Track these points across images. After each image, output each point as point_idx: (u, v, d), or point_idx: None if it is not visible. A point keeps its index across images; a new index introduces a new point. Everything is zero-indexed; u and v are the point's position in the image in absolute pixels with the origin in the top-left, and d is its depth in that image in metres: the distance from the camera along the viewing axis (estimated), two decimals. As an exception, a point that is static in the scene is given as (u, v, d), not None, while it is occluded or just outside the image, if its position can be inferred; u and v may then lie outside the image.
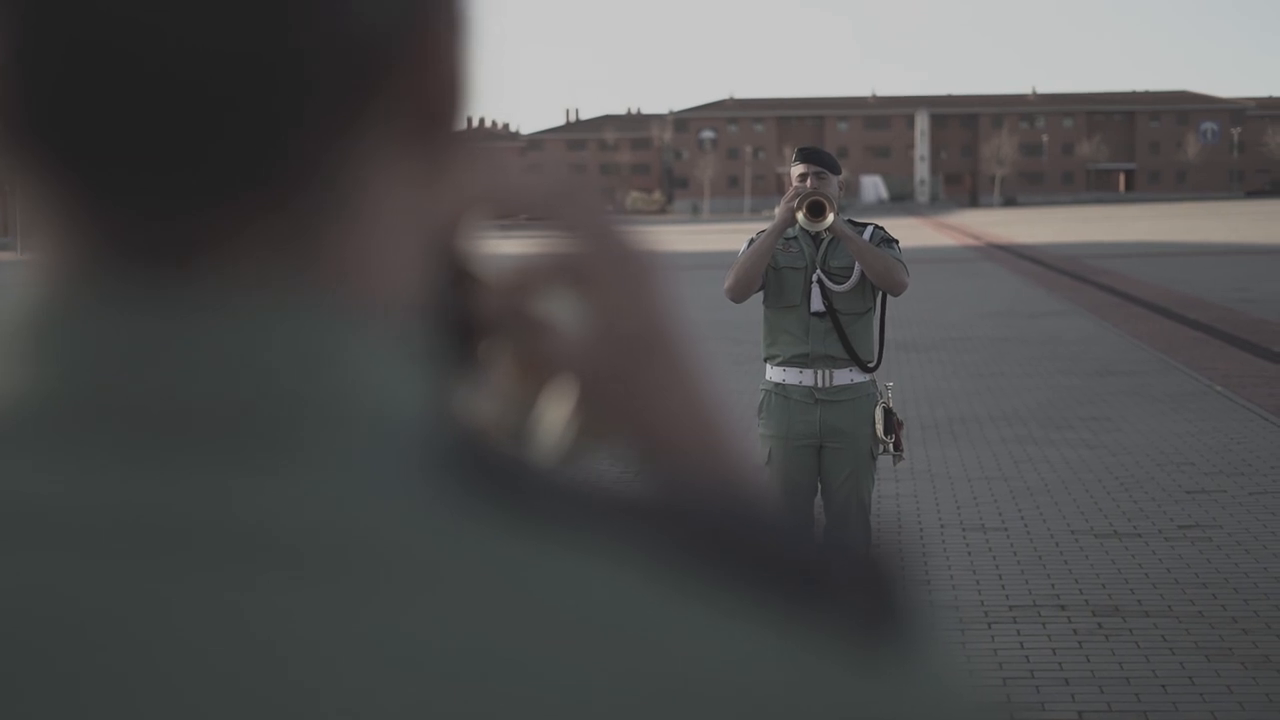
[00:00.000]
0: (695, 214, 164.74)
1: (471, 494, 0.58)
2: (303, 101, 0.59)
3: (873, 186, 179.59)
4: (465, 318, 0.76)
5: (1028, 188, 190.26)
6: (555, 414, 0.78)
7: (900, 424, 6.57)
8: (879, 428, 6.49)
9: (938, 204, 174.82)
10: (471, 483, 0.58)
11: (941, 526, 9.45)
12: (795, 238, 6.54)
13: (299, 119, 0.59)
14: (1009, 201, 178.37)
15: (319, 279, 0.61)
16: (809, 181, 6.48)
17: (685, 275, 38.55)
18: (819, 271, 6.49)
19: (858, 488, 6.49)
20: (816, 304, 6.48)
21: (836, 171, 6.60)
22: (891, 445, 6.52)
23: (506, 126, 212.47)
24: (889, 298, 6.68)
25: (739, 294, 6.49)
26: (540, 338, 0.74)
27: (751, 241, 6.50)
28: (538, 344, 0.74)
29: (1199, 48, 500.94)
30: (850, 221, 6.59)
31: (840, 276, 6.48)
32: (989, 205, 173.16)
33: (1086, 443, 12.34)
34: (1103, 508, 9.86)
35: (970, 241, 62.77)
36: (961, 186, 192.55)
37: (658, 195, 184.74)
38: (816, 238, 6.53)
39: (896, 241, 6.60)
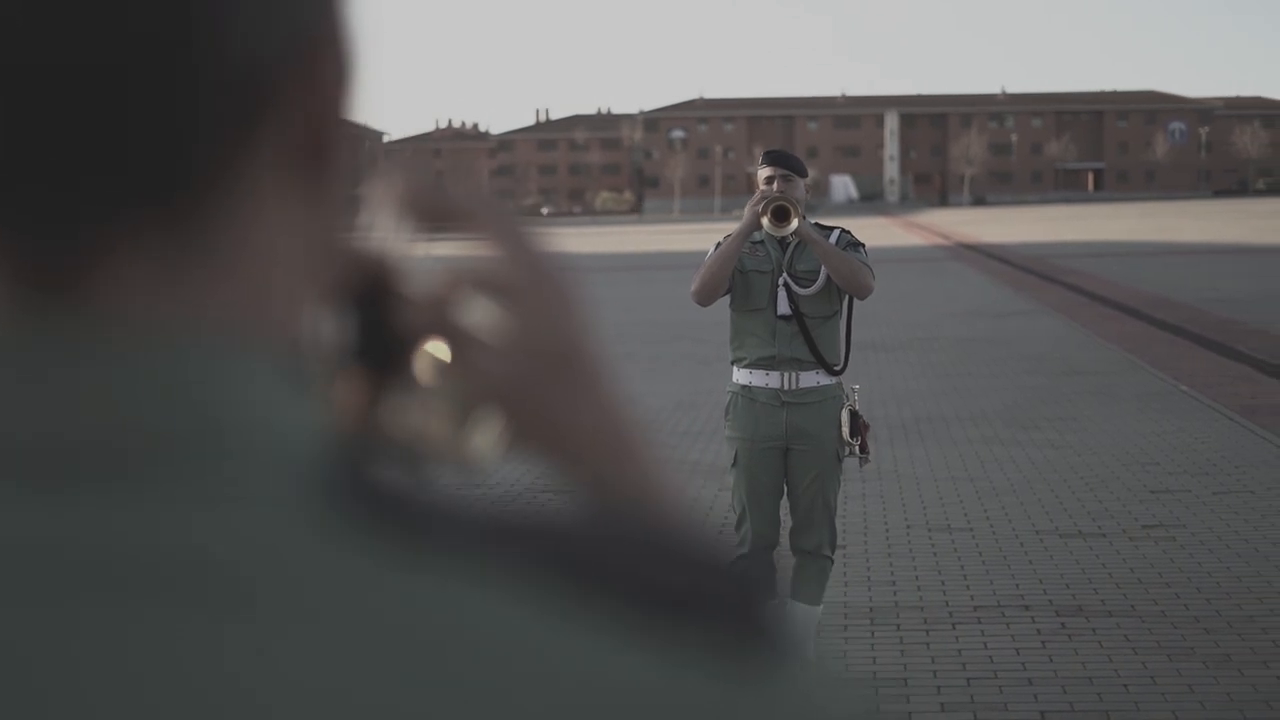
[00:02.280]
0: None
1: (354, 523, 0.58)
2: (191, 125, 0.59)
3: (842, 186, 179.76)
4: (385, 332, 0.77)
5: (997, 187, 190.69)
6: (472, 426, 0.79)
7: (866, 426, 6.61)
8: (845, 430, 6.52)
9: (907, 203, 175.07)
10: (356, 512, 0.59)
11: (907, 527, 9.50)
12: (762, 241, 6.57)
13: (187, 142, 0.60)
14: (978, 201, 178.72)
15: (206, 305, 0.61)
16: (775, 185, 6.51)
17: (654, 276, 38.55)
18: (785, 275, 6.52)
19: (823, 490, 6.52)
20: (783, 307, 6.51)
21: (803, 174, 6.63)
22: (857, 448, 6.55)
23: (476, 126, 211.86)
24: (856, 301, 6.71)
25: (705, 298, 6.52)
26: (460, 351, 0.75)
27: (718, 245, 6.52)
28: (458, 357, 0.75)
29: (1167, 48, 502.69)
30: (817, 225, 6.62)
31: (806, 280, 6.52)
32: (958, 205, 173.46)
33: (1052, 443, 12.41)
34: (1067, 507, 9.92)
35: (939, 241, 62.91)
36: (931, 186, 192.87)
37: (628, 195, 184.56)
38: (783, 241, 6.56)
39: (863, 245, 6.63)
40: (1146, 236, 59.39)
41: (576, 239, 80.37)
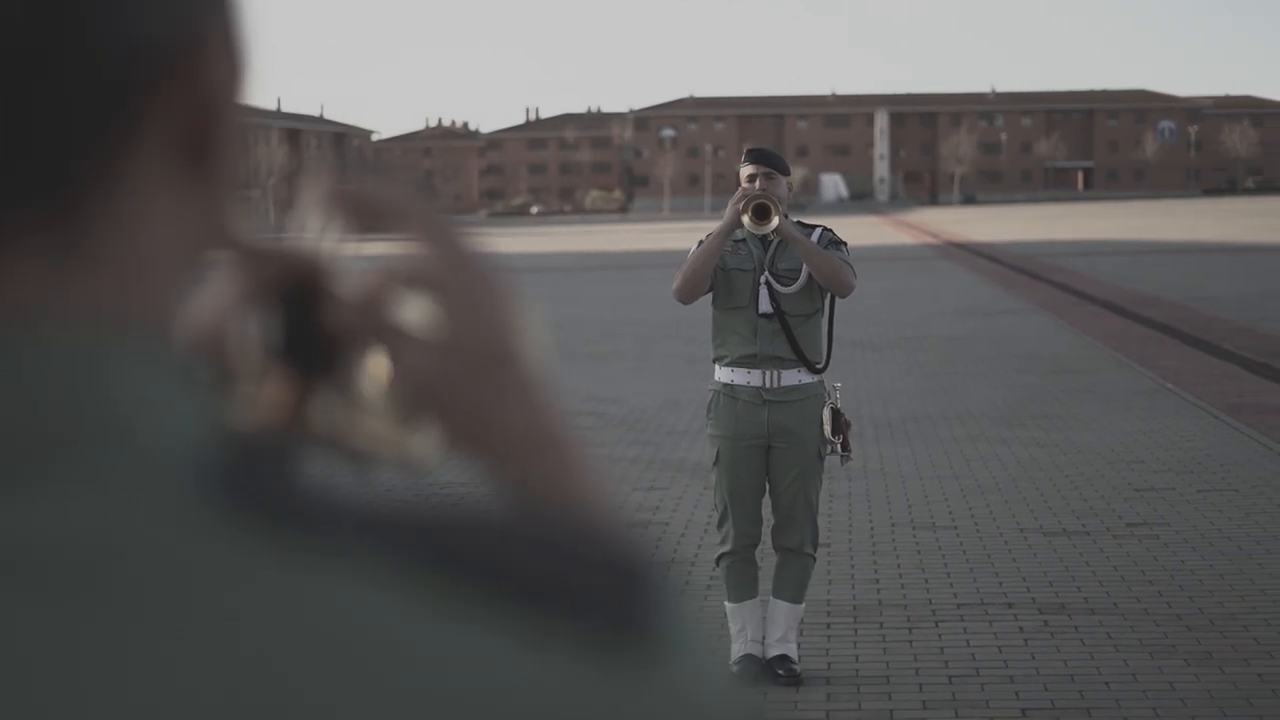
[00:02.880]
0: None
1: (228, 516, 0.59)
2: (72, 122, 0.59)
3: (832, 185, 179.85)
4: (315, 331, 0.77)
5: (987, 186, 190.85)
6: (405, 426, 0.79)
7: (848, 424, 6.62)
8: (827, 428, 6.53)
9: (897, 202, 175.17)
10: (233, 505, 0.59)
11: (892, 525, 9.50)
12: (744, 240, 6.58)
13: (69, 140, 0.59)
14: (968, 200, 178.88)
15: (91, 301, 0.61)
16: (758, 183, 6.51)
17: (643, 275, 38.57)
18: (767, 273, 6.53)
19: (805, 488, 6.53)
20: (764, 305, 6.51)
21: (786, 172, 6.64)
22: (839, 446, 6.56)
23: (465, 125, 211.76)
24: (837, 299, 6.72)
25: (687, 296, 6.52)
26: (390, 349, 0.75)
27: (701, 243, 6.53)
28: (389, 353, 0.75)
29: (1157, 47, 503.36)
30: (799, 223, 6.63)
31: (788, 278, 6.52)
32: (948, 203, 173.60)
33: (1038, 441, 12.43)
34: (1052, 506, 9.94)
35: (928, 240, 62.97)
36: (921, 185, 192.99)
37: (618, 194, 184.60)
38: (765, 239, 6.56)
39: (845, 244, 6.64)
40: (1135, 235, 59.49)
41: (566, 238, 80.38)
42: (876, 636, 7.20)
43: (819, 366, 6.60)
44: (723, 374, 6.58)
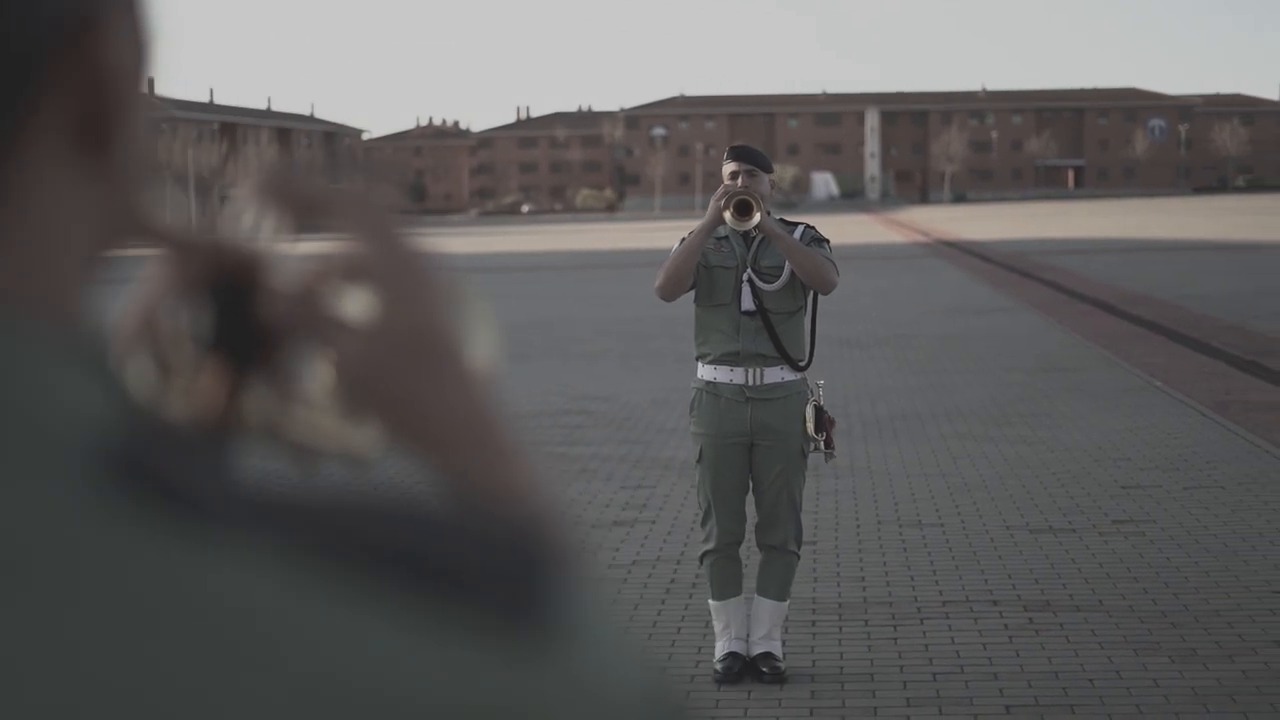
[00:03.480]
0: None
1: (121, 499, 0.59)
2: None
3: (824, 183, 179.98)
4: (250, 322, 0.77)
5: (977, 184, 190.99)
6: (341, 417, 0.79)
7: (831, 422, 6.61)
8: (810, 425, 6.52)
9: (888, 200, 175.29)
10: (126, 488, 0.59)
11: (879, 523, 9.50)
12: (726, 237, 6.57)
13: None
14: (959, 198, 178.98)
15: None
16: (740, 180, 6.50)
17: (634, 273, 38.54)
18: (749, 270, 6.52)
19: (788, 485, 6.52)
20: (747, 303, 6.50)
21: (768, 170, 6.63)
22: (823, 443, 6.55)
23: (456, 124, 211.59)
24: (820, 296, 6.71)
25: (669, 293, 6.51)
26: (326, 339, 0.75)
27: (683, 240, 6.52)
28: (325, 344, 0.75)
29: (1147, 45, 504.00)
30: (782, 220, 6.62)
31: (770, 275, 6.51)
32: (939, 202, 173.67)
33: (1026, 439, 12.43)
34: (1039, 503, 9.93)
35: (919, 238, 63.00)
36: (912, 183, 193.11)
37: (609, 192, 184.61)
38: (747, 237, 6.55)
39: (827, 241, 6.63)
40: (1125, 233, 59.55)
41: (557, 236, 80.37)
42: (861, 634, 7.19)
43: (802, 364, 6.60)
44: (705, 371, 6.57)
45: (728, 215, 6.36)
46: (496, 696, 0.58)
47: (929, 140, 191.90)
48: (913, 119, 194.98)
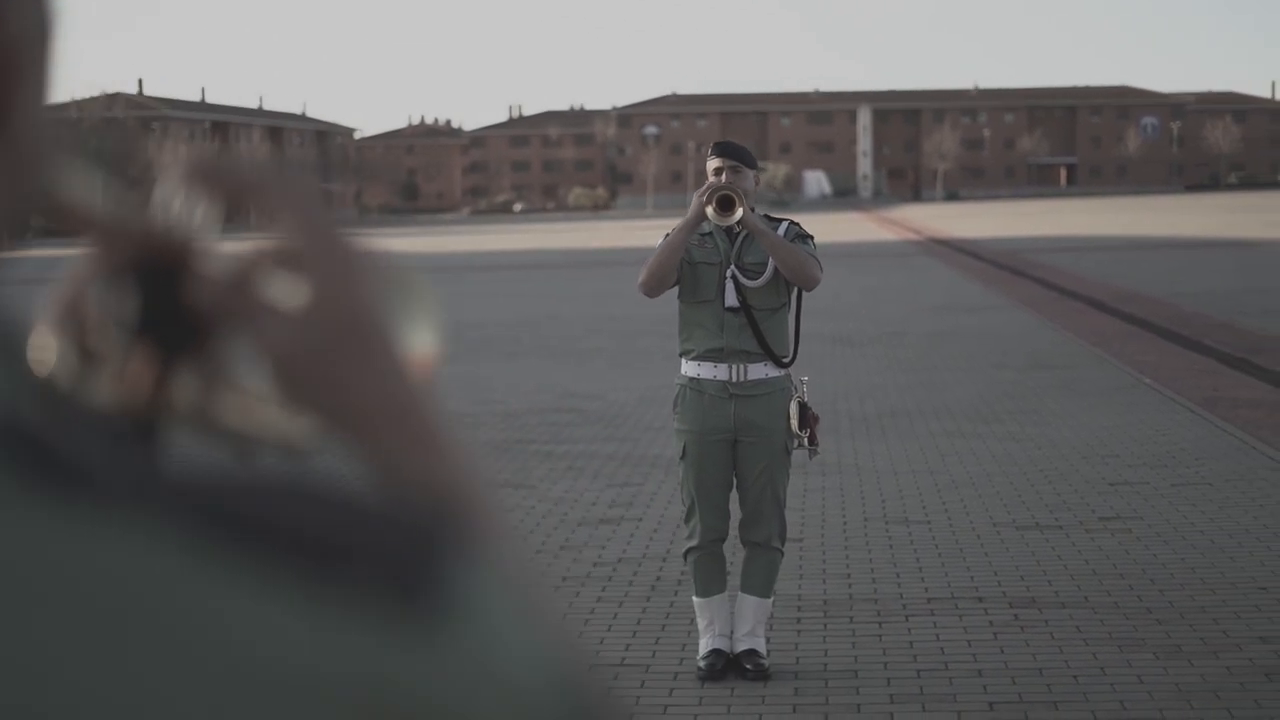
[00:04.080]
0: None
1: (19, 476, 0.59)
2: None
3: (816, 182, 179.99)
4: (178, 307, 0.76)
5: (970, 182, 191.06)
6: (272, 402, 0.78)
7: (816, 418, 6.60)
8: (794, 422, 6.50)
9: (881, 199, 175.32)
10: (24, 465, 0.59)
11: (865, 520, 9.48)
12: (710, 233, 6.55)
13: None
14: (951, 196, 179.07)
15: None
16: (724, 176, 6.49)
17: (625, 271, 38.53)
18: (733, 267, 6.50)
19: (772, 481, 6.50)
20: (731, 299, 6.48)
21: (753, 166, 6.61)
22: (806, 439, 6.54)
23: (448, 123, 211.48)
24: (805, 293, 6.69)
25: (652, 289, 6.49)
26: (254, 323, 0.75)
27: (667, 236, 6.50)
28: (253, 329, 0.75)
29: (1139, 42, 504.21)
30: (766, 217, 6.61)
31: (754, 272, 6.49)
32: (931, 200, 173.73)
33: (1014, 436, 12.42)
34: (1026, 500, 9.92)
35: (911, 236, 63.02)
36: (904, 181, 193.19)
37: (601, 191, 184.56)
38: (731, 233, 6.54)
39: (811, 237, 6.61)
40: (1117, 231, 59.58)
41: (549, 235, 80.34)
42: (846, 631, 7.18)
43: (786, 360, 6.58)
44: (689, 368, 6.55)
45: (710, 210, 6.34)
46: (380, 674, 0.58)
47: (921, 138, 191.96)
48: (905, 117, 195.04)
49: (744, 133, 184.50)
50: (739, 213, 6.31)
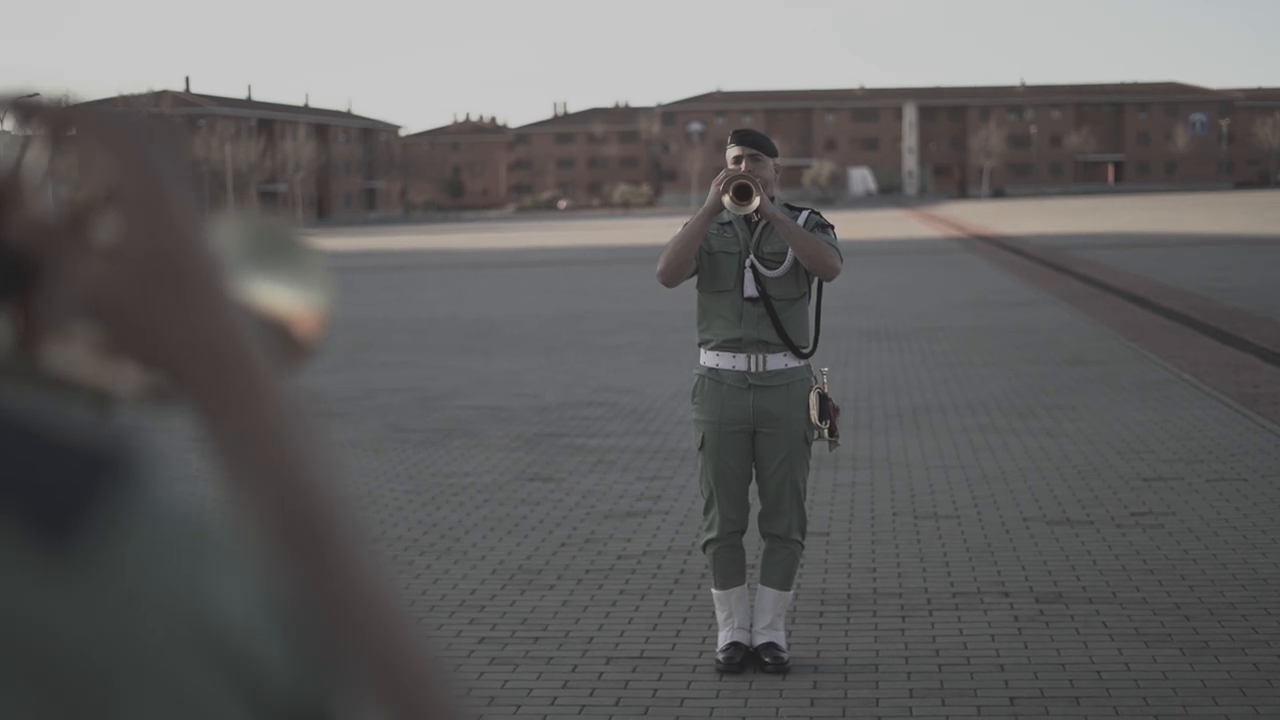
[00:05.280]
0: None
1: None
2: None
3: (861, 179, 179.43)
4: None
5: (1016, 179, 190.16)
6: (93, 349, 0.75)
7: (836, 410, 6.51)
8: (813, 413, 6.43)
9: (926, 196, 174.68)
10: None
11: (894, 514, 9.40)
12: (730, 222, 6.49)
13: None
14: (997, 193, 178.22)
15: None
16: (743, 164, 6.43)
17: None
18: (752, 256, 6.44)
19: (791, 473, 6.43)
20: (750, 289, 6.42)
21: (773, 154, 6.55)
22: (826, 431, 6.46)
23: (494, 120, 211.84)
24: (826, 284, 6.62)
25: (670, 278, 6.43)
26: (70, 262, 0.72)
27: (685, 226, 6.44)
28: (68, 269, 0.72)
29: (1188, 39, 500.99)
30: (787, 206, 6.54)
31: (773, 262, 6.43)
32: (977, 197, 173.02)
33: (1049, 431, 12.31)
34: (1057, 495, 9.82)
35: (954, 233, 62.72)
36: (950, 178, 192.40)
37: (645, 188, 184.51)
38: (750, 222, 6.47)
39: (831, 227, 6.54)
40: (1163, 228, 59.13)
41: (592, 231, 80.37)
42: (869, 625, 7.10)
43: (805, 351, 6.50)
44: (708, 358, 6.49)
45: (727, 199, 6.28)
46: (12, 609, 0.56)
47: (967, 135, 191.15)
48: (951, 114, 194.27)
49: (788, 129, 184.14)
50: (756, 201, 6.25)
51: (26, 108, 0.73)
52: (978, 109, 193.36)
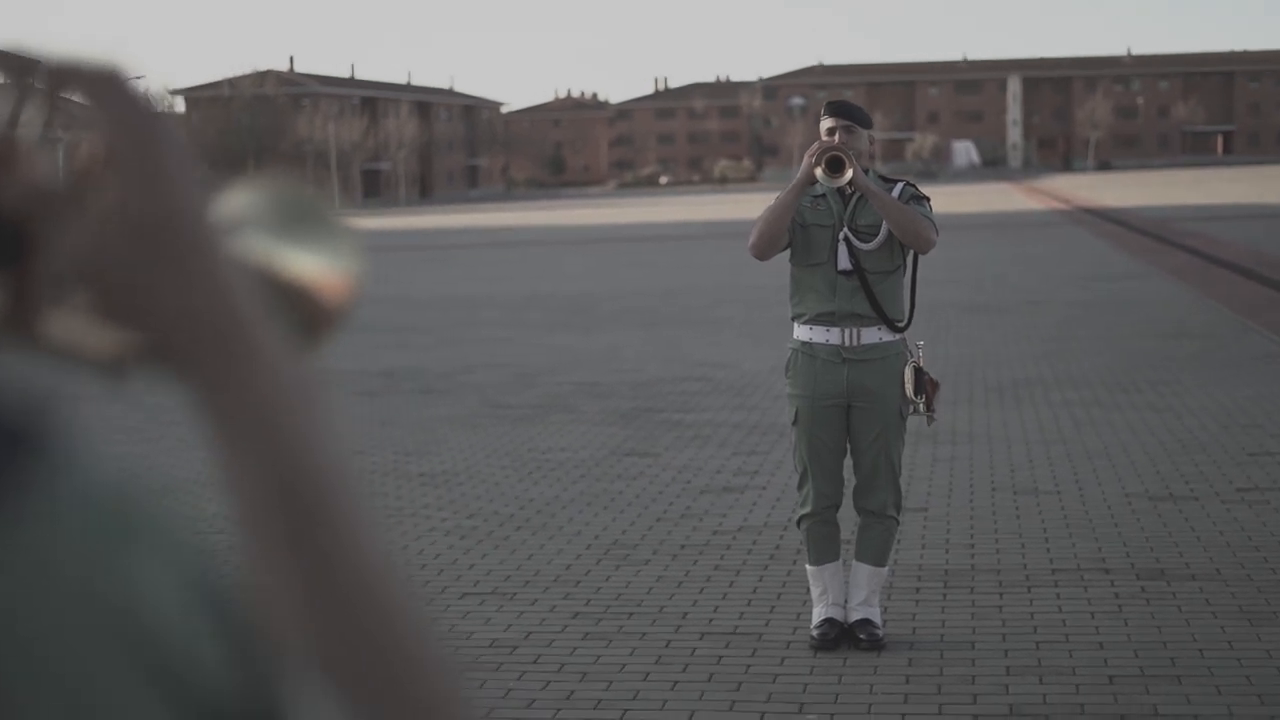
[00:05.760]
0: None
1: None
2: None
3: (964, 151, 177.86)
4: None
5: (1122, 152, 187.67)
6: (82, 310, 0.72)
7: (934, 384, 6.43)
8: (909, 388, 6.35)
9: (1030, 169, 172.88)
10: None
11: (993, 490, 9.29)
12: (824, 195, 6.42)
13: None
14: (1103, 166, 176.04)
15: None
16: (837, 136, 6.35)
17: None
18: (846, 229, 6.36)
19: (887, 448, 6.36)
20: (843, 262, 6.35)
21: (867, 125, 6.46)
22: (923, 405, 6.38)
23: (595, 96, 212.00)
24: (921, 256, 6.54)
25: (763, 251, 6.38)
26: (64, 226, 0.69)
27: (778, 198, 6.39)
28: (62, 233, 0.69)
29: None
30: (881, 178, 6.46)
31: (867, 234, 6.35)
32: (1083, 170, 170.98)
33: (1152, 405, 12.12)
34: (1160, 470, 9.67)
35: (1058, 205, 62.02)
36: (1055, 151, 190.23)
37: (746, 163, 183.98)
38: (845, 194, 6.40)
39: (927, 199, 6.46)
40: (1273, 199, 58.11)
41: (693, 207, 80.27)
42: (966, 601, 7.02)
43: (900, 324, 6.42)
44: (801, 332, 6.43)
45: (819, 171, 6.21)
46: None
47: (1072, 107, 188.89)
48: (1055, 85, 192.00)
49: (891, 103, 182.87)
50: (849, 173, 6.17)
51: (21, 65, 0.70)
52: (1083, 80, 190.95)
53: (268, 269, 0.80)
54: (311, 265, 0.84)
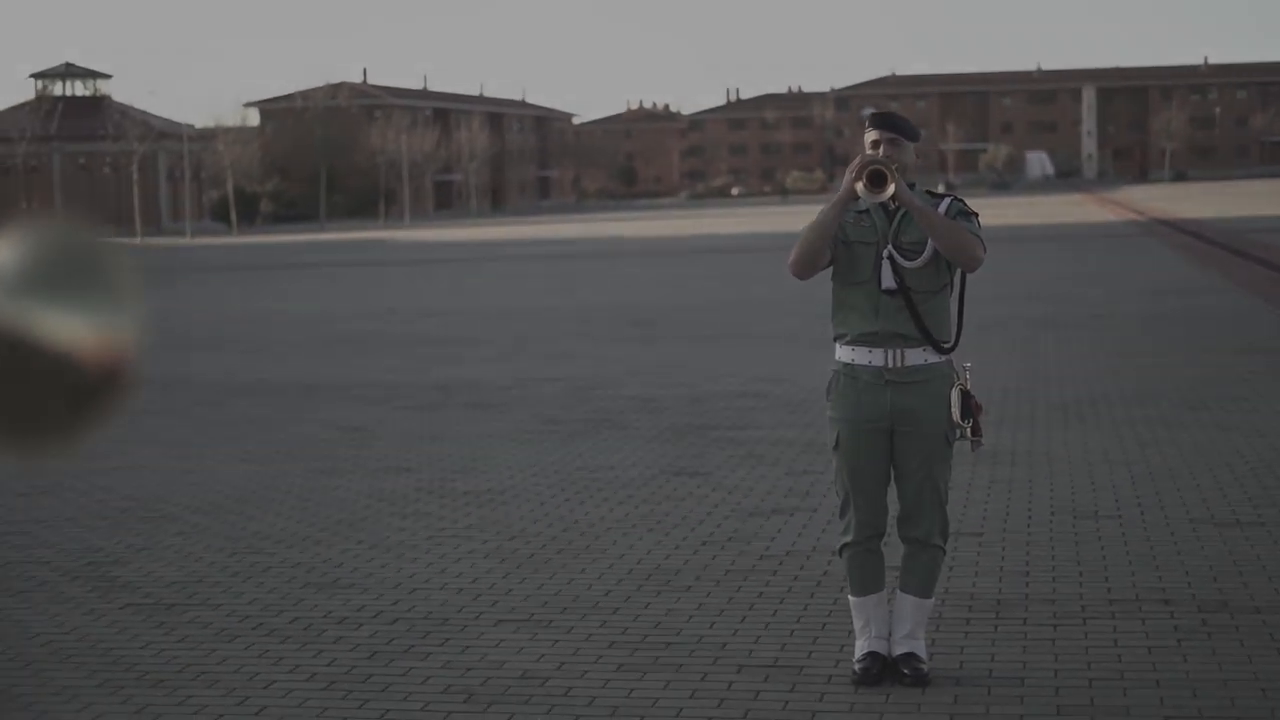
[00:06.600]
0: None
1: None
2: None
3: (1038, 162, 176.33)
4: None
5: (1199, 162, 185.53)
6: None
7: (979, 407, 6.14)
8: (956, 411, 6.07)
9: (1105, 179, 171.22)
10: None
11: (1051, 514, 8.98)
12: (868, 210, 6.15)
13: None
14: (1179, 176, 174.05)
15: None
16: (881, 149, 6.08)
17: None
18: (890, 246, 6.09)
19: (932, 475, 6.08)
20: (887, 280, 6.07)
21: (913, 138, 6.19)
22: (969, 430, 6.10)
23: (667, 107, 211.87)
24: (969, 275, 6.26)
25: (803, 270, 6.12)
26: None
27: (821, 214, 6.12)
28: None
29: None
30: (928, 193, 6.19)
31: (912, 252, 6.07)
32: (1159, 180, 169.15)
33: (1220, 424, 11.76)
34: (1228, 494, 9.32)
35: (1133, 217, 61.24)
36: (1130, 161, 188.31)
37: (818, 174, 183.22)
38: (889, 211, 6.13)
39: (976, 215, 6.18)
40: (1352, 210, 57.14)
41: (763, 218, 79.89)
42: (1018, 634, 6.73)
43: (946, 346, 6.14)
44: (843, 353, 6.16)
45: (860, 187, 5.94)
46: None
47: (1148, 117, 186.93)
48: (1131, 95, 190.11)
49: (964, 113, 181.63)
50: (891, 188, 5.89)
51: None
52: (1159, 89, 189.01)
53: (16, 331, 0.67)
54: (73, 324, 0.67)
